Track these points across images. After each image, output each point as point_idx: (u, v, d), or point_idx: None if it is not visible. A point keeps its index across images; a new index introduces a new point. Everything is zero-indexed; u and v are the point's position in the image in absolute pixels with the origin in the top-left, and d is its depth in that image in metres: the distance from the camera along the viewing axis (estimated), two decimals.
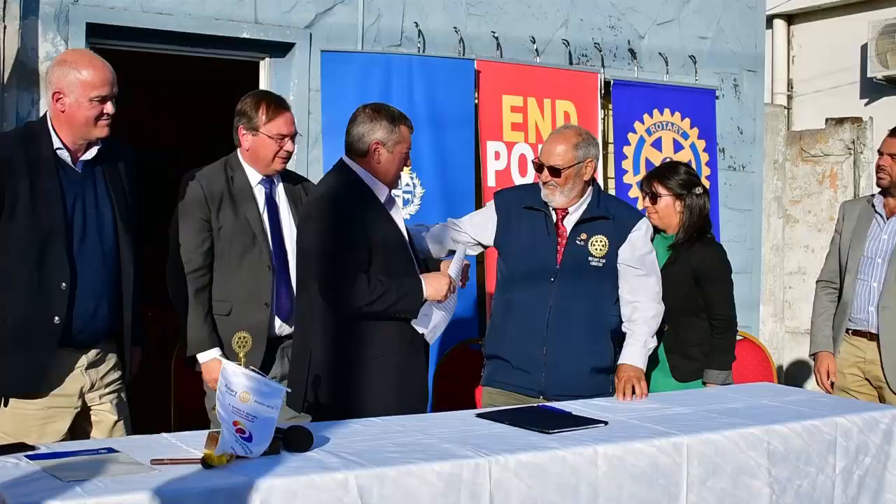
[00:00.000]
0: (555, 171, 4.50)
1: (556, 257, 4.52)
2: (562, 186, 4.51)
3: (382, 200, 4.27)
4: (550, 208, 4.57)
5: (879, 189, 5.30)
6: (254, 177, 4.40)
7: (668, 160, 6.66)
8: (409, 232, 4.41)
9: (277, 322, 4.36)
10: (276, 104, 4.40)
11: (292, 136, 4.42)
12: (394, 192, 4.38)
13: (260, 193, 4.40)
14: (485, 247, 4.75)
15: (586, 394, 4.45)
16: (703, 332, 4.91)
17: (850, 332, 5.31)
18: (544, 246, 4.54)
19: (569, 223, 4.56)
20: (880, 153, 5.26)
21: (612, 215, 4.58)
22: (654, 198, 4.98)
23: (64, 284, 3.75)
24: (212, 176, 4.34)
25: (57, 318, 3.74)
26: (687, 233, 4.94)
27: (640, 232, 4.62)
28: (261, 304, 4.30)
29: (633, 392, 4.30)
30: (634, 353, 4.52)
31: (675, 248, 4.93)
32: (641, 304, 4.57)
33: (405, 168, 4.41)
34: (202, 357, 4.27)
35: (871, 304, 5.20)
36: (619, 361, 4.52)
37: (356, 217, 4.15)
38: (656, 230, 4.99)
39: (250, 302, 4.30)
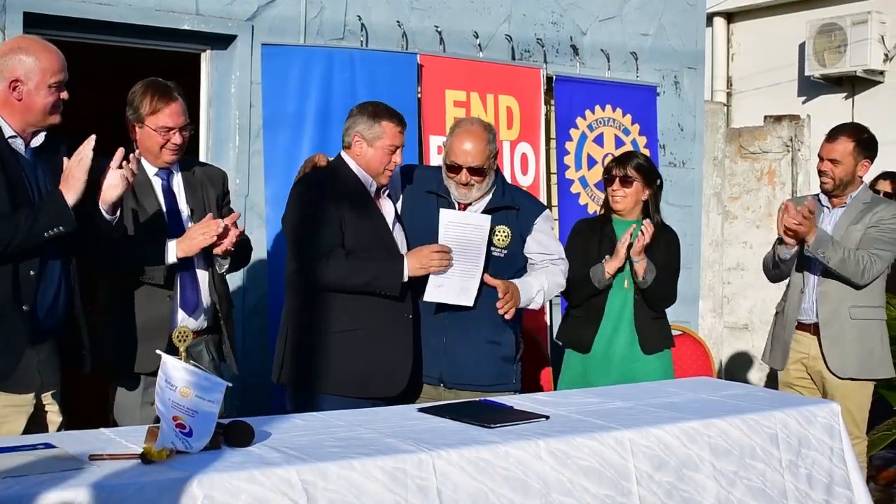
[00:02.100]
0: (477, 172, 4.51)
1: None
2: (480, 184, 4.53)
3: (371, 191, 4.46)
4: (453, 196, 4.60)
5: (822, 191, 5.37)
6: (150, 168, 4.28)
7: (609, 156, 6.74)
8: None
9: (182, 315, 4.23)
10: (162, 95, 4.20)
11: (181, 128, 4.22)
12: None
13: (157, 185, 4.29)
14: None
15: (487, 383, 4.52)
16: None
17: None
18: None
19: (469, 211, 4.58)
20: (821, 158, 5.31)
21: (517, 205, 4.62)
22: (626, 181, 5.03)
23: (32, 271, 3.66)
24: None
25: (26, 306, 3.64)
26: (652, 219, 5.05)
27: (542, 223, 4.68)
28: (163, 296, 4.19)
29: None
30: (524, 279, 4.58)
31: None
32: (553, 269, 4.65)
33: (392, 168, 4.48)
34: (171, 255, 4.12)
35: (814, 293, 5.27)
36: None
37: (328, 199, 4.34)
38: (614, 212, 5.10)
39: (153, 295, 4.17)
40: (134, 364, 4.11)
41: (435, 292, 4.41)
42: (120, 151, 3.75)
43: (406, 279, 4.32)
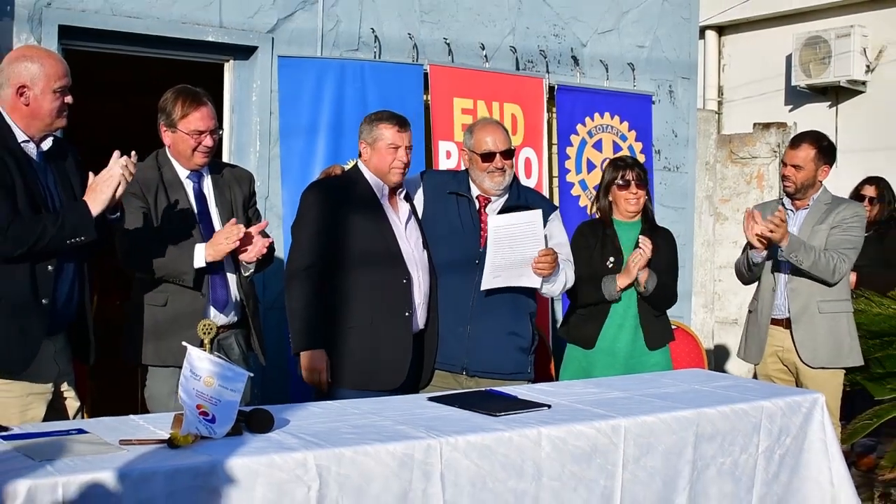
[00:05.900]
0: (508, 155, 4.57)
1: (479, 242, 4.55)
2: (510, 169, 4.60)
3: (383, 195, 4.46)
4: (474, 196, 4.61)
5: (786, 194, 5.39)
6: (182, 171, 4.28)
7: (607, 160, 6.74)
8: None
9: (213, 311, 4.22)
10: (192, 100, 4.21)
11: (211, 132, 4.23)
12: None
13: (189, 187, 4.28)
14: None
15: (506, 371, 4.53)
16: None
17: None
18: (469, 231, 4.56)
19: (491, 211, 4.60)
20: (784, 163, 5.34)
21: (531, 205, 4.62)
22: (641, 183, 5.04)
23: (50, 267, 3.66)
24: (145, 167, 4.17)
25: (45, 300, 3.64)
26: (651, 220, 5.11)
27: (557, 222, 4.71)
28: (197, 293, 4.17)
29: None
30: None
31: (644, 233, 5.03)
32: (568, 264, 4.67)
33: (398, 165, 4.45)
34: (199, 259, 4.10)
35: (785, 290, 5.28)
36: None
37: (323, 203, 4.40)
38: (613, 215, 5.08)
39: (186, 292, 4.16)
40: (166, 356, 4.11)
41: (492, 281, 4.44)
42: (116, 154, 3.74)
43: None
